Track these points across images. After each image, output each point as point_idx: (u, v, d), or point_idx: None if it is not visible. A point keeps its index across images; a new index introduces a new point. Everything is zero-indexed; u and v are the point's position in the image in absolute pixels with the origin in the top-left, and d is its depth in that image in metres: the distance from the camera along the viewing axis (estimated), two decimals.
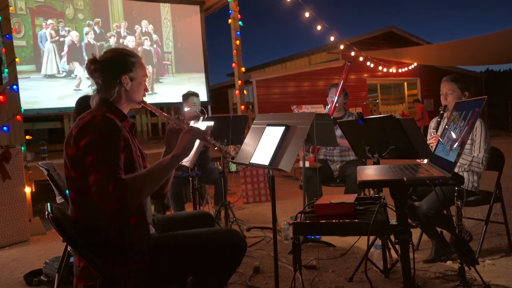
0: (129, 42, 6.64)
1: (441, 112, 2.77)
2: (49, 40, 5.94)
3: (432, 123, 2.90)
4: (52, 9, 5.98)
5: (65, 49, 6.08)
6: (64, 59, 6.06)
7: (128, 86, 1.65)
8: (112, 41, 6.48)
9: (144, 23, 6.80)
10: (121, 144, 1.50)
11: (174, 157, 1.58)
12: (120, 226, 1.49)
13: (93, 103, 1.66)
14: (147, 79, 1.76)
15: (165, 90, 6.96)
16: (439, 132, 2.78)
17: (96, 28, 6.33)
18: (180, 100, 4.14)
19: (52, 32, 5.95)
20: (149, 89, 1.80)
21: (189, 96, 4.03)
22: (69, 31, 6.08)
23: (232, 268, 1.71)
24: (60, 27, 6.01)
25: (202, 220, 1.97)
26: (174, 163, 1.58)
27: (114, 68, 1.63)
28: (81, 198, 1.50)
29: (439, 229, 2.65)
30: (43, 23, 5.87)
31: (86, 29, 6.25)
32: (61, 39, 6.05)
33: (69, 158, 1.50)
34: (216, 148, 1.78)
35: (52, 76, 5.99)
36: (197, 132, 1.66)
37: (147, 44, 6.87)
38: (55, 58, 6.00)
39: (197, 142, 3.07)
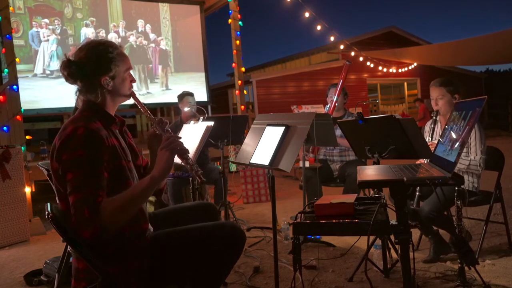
0: (130, 41, 6.65)
1: (433, 118, 2.74)
2: (43, 40, 5.90)
3: (426, 127, 2.87)
4: (50, 8, 5.95)
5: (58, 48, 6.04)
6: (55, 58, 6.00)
7: (110, 86, 1.54)
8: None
9: (141, 22, 6.80)
10: (104, 158, 1.42)
11: (152, 179, 1.44)
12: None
13: (78, 105, 1.59)
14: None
15: (165, 91, 6.97)
16: (434, 138, 2.74)
17: (92, 27, 6.30)
18: None
19: (46, 31, 5.89)
20: (135, 80, 1.67)
21: (184, 96, 4.05)
22: (53, 30, 5.96)
23: (232, 260, 1.68)
24: (57, 26, 5.97)
25: (204, 211, 1.92)
26: (154, 184, 1.45)
27: (91, 70, 1.50)
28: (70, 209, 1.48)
29: (435, 228, 2.66)
30: (34, 22, 5.79)
31: (84, 29, 6.25)
32: (50, 37, 5.95)
33: (54, 172, 1.44)
34: (190, 167, 1.60)
35: (51, 75, 5.97)
36: (174, 149, 1.50)
37: (163, 44, 6.93)
38: (43, 58, 5.94)
39: (197, 143, 3.07)
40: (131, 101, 1.71)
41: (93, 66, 1.50)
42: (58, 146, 1.41)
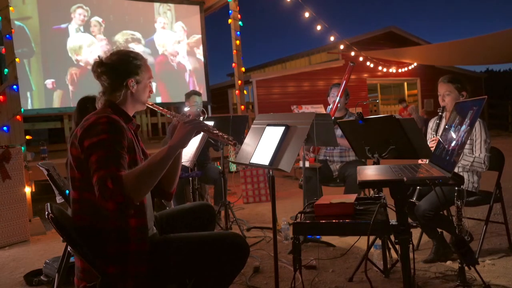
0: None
1: (440, 113, 2.76)
2: None
3: (431, 123, 2.89)
4: None
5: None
6: None
7: (134, 89, 1.66)
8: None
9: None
10: (125, 143, 1.49)
11: (170, 148, 1.52)
12: (120, 228, 1.49)
13: (99, 105, 1.66)
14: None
15: (166, 90, 6.97)
16: (438, 133, 2.78)
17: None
18: (179, 99, 4.16)
19: None
20: (153, 91, 1.80)
21: (191, 95, 4.08)
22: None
23: (233, 274, 1.68)
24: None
25: (202, 212, 1.95)
26: (171, 154, 1.53)
27: (120, 71, 1.63)
28: (83, 199, 1.50)
29: (439, 230, 2.66)
30: None
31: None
32: None
33: (73, 158, 1.51)
34: (220, 138, 1.69)
35: None
36: (197, 124, 1.60)
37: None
38: None
39: (197, 143, 3.08)
40: None
41: (123, 67, 1.64)
42: (81, 133, 1.47)
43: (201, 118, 3.20)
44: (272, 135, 2.10)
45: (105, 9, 6.44)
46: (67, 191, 2.51)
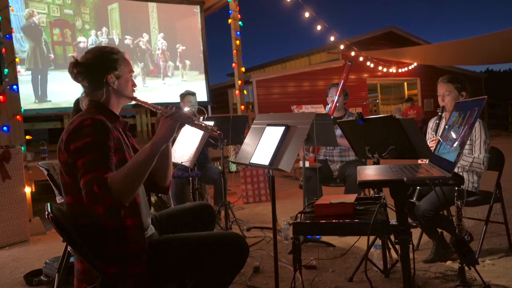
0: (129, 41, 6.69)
1: (439, 113, 2.76)
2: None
3: (430, 123, 2.89)
4: (65, 21, 6.34)
5: None
6: None
7: (115, 85, 1.61)
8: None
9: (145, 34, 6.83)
10: (111, 144, 1.47)
11: (153, 145, 1.47)
12: (118, 228, 1.48)
13: (83, 106, 1.63)
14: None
15: (165, 90, 6.98)
16: (438, 133, 2.78)
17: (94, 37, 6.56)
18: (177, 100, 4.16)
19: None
20: (137, 85, 1.74)
21: (186, 95, 4.06)
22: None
23: (233, 274, 1.68)
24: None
25: (202, 212, 1.94)
26: (155, 151, 1.48)
27: (98, 68, 1.58)
28: (77, 203, 1.49)
29: (439, 230, 2.66)
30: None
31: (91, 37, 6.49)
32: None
33: (62, 164, 1.49)
34: (204, 129, 1.64)
35: None
36: (178, 116, 1.54)
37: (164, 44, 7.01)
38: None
39: (197, 142, 3.08)
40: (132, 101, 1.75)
41: (100, 64, 1.59)
42: (67, 137, 1.46)
43: (201, 118, 3.20)
44: (272, 135, 2.10)
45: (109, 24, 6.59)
46: None
